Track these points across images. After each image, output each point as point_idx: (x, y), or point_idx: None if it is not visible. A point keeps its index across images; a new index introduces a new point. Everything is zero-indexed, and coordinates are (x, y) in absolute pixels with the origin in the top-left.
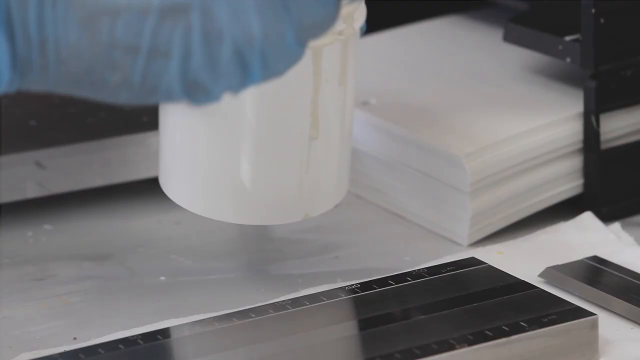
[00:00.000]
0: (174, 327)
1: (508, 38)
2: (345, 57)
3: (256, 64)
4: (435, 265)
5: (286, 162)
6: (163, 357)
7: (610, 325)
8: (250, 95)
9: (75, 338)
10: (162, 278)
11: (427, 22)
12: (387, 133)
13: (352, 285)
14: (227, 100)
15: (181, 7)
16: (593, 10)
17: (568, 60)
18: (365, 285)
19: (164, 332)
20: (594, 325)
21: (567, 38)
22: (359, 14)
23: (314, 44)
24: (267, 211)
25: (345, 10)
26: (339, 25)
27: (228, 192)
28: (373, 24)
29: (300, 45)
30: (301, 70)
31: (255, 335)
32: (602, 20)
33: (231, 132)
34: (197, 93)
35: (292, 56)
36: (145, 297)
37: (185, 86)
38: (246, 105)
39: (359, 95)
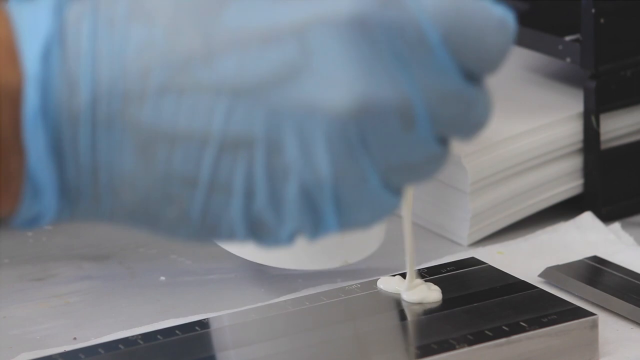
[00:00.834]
0: (174, 327)
1: None
2: None
3: (328, 208)
4: (435, 265)
5: None
6: (163, 357)
7: (610, 325)
8: None
9: (75, 338)
10: (162, 278)
11: None
12: None
13: (352, 285)
14: None
15: (245, 138)
16: (593, 10)
17: (568, 60)
18: (365, 285)
19: (164, 332)
20: (594, 325)
21: (567, 38)
22: None
23: None
24: (307, 257)
25: None
26: None
27: None
28: None
29: (391, 193)
30: None
31: (255, 335)
32: (602, 20)
33: None
34: (262, 234)
35: (381, 204)
36: (145, 297)
37: (248, 226)
38: None
39: None
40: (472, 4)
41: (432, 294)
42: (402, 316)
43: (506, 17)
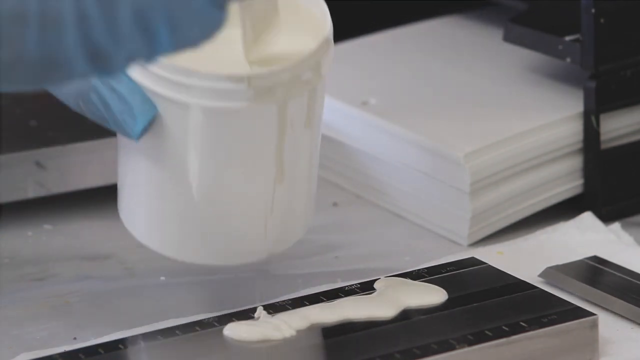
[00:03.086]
0: (174, 327)
1: (508, 38)
2: (313, 103)
3: (162, 28)
4: (435, 265)
5: (250, 205)
6: (163, 358)
7: (610, 325)
8: (212, 141)
9: (75, 338)
10: (162, 278)
11: (427, 22)
12: (387, 133)
13: (352, 285)
14: (187, 144)
15: None
16: (593, 10)
17: (568, 60)
18: (365, 285)
19: (164, 332)
20: (594, 325)
21: (567, 38)
22: (327, 58)
23: (279, 97)
24: (230, 251)
25: (312, 58)
26: (305, 74)
27: (191, 233)
28: (373, 24)
29: (216, 7)
30: (266, 120)
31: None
32: (602, 20)
33: (193, 177)
34: (99, 62)
35: (208, 21)
36: (145, 297)
37: (86, 55)
38: (207, 151)
39: (359, 95)
40: None
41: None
42: (403, 316)
43: None
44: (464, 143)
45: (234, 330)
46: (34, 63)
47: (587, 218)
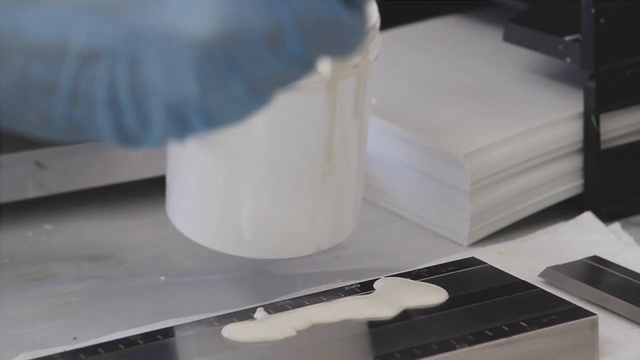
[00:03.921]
0: (174, 327)
1: (508, 38)
2: (361, 89)
3: (196, 119)
4: (435, 265)
5: (299, 196)
6: (163, 357)
7: (610, 325)
8: (263, 129)
9: (75, 338)
10: (162, 278)
11: (427, 22)
12: (387, 133)
13: (352, 285)
14: (239, 134)
15: (106, 52)
16: (593, 10)
17: (568, 60)
18: (365, 285)
19: (164, 332)
20: (594, 325)
21: (567, 38)
22: (374, 45)
23: (329, 78)
24: (279, 245)
25: None
26: (355, 58)
27: (240, 226)
28: None
29: (255, 96)
30: (315, 104)
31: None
32: (602, 20)
33: (244, 166)
34: (129, 139)
35: (247, 108)
36: (145, 297)
37: (115, 131)
38: (259, 140)
39: None
40: None
41: None
42: (403, 316)
43: None
44: (464, 143)
45: (233, 331)
46: (61, 126)
47: (587, 218)
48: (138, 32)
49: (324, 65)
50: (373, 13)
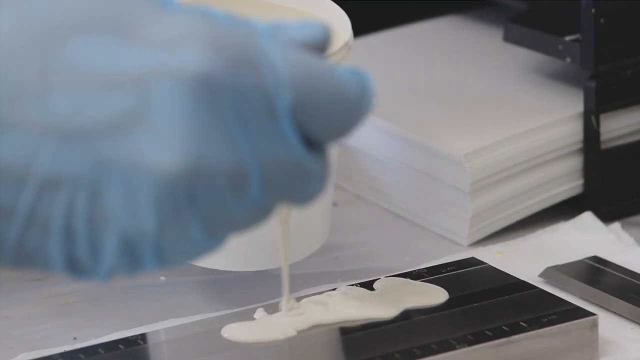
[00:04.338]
0: (174, 327)
1: (508, 38)
2: None
3: (149, 256)
4: (435, 265)
5: None
6: (163, 358)
7: (610, 325)
8: None
9: (75, 338)
10: (162, 278)
11: (427, 22)
12: (387, 133)
13: (352, 285)
14: None
15: (68, 181)
16: (593, 10)
17: (568, 60)
18: (365, 286)
19: (165, 332)
20: (594, 325)
21: (567, 38)
22: (346, 62)
23: None
24: (247, 258)
25: (332, 60)
26: None
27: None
28: (373, 24)
29: (211, 238)
30: None
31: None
32: (602, 20)
33: None
34: (78, 271)
35: (201, 249)
36: (145, 297)
37: (65, 263)
38: None
39: None
40: (329, 75)
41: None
42: (403, 316)
43: (364, 87)
44: (464, 143)
45: (233, 331)
46: (10, 252)
47: (587, 218)
48: (104, 162)
49: None
50: (346, 32)
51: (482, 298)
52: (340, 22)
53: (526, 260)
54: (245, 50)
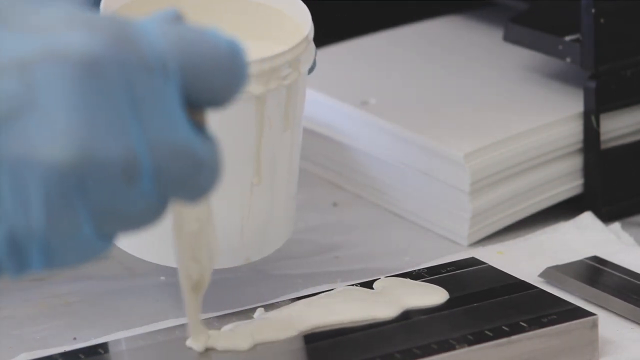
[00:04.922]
0: (174, 327)
1: (508, 38)
2: (291, 102)
3: (35, 255)
4: (435, 265)
5: (227, 207)
6: (164, 357)
7: (610, 325)
8: None
9: (75, 338)
10: (162, 278)
11: (427, 22)
12: (386, 133)
13: (352, 285)
14: None
15: None
16: (593, 10)
17: (568, 60)
18: (365, 286)
19: (165, 332)
20: (594, 325)
21: (567, 38)
22: (306, 56)
23: (257, 89)
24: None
25: (290, 53)
26: (284, 70)
27: (167, 235)
28: (373, 24)
29: (102, 239)
30: (244, 116)
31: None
32: (602, 20)
33: None
34: None
35: (89, 251)
36: (145, 297)
37: None
38: None
39: (359, 95)
40: (203, 36)
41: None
42: (403, 316)
43: (235, 52)
44: (464, 143)
45: (233, 330)
46: None
47: (587, 218)
48: None
49: (254, 77)
50: (306, 27)
51: (482, 298)
52: (301, 16)
53: (526, 260)
54: (123, 29)
